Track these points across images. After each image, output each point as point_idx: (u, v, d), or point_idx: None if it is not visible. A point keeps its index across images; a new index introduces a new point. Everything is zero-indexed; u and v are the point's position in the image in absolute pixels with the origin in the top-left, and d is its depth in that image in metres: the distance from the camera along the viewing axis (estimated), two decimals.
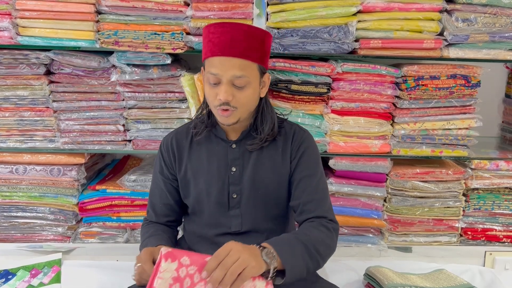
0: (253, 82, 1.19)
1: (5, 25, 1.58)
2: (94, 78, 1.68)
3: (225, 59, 1.14)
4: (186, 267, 0.96)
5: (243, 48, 1.14)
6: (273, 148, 1.28)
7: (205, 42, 1.19)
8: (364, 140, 1.75)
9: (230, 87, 1.15)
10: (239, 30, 1.15)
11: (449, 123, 1.75)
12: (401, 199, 1.82)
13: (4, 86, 1.68)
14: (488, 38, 1.65)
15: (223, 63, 1.14)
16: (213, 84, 1.17)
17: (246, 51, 1.15)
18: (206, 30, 1.19)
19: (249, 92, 1.18)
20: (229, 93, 1.15)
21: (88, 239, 1.82)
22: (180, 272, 0.95)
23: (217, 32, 1.15)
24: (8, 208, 1.81)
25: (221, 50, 1.14)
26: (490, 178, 1.83)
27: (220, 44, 1.14)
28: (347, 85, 1.69)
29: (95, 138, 1.75)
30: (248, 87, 1.18)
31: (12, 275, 1.67)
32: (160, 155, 1.35)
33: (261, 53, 1.20)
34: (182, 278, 0.95)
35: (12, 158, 1.76)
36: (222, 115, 1.19)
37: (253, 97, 1.21)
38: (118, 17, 1.60)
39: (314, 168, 1.27)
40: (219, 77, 1.15)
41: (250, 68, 1.17)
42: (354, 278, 1.70)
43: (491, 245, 1.88)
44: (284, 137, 1.30)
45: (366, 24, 1.62)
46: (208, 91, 1.20)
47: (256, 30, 1.18)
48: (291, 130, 1.31)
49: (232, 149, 1.28)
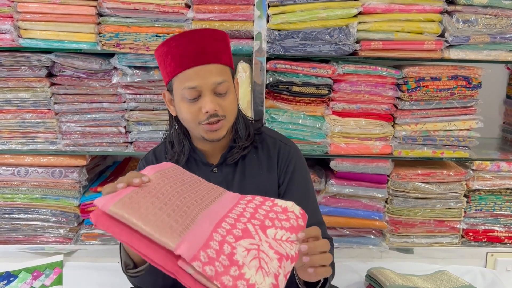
0: (231, 86, 1.13)
1: (7, 27, 1.58)
2: (95, 80, 1.68)
3: (201, 68, 1.06)
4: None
5: (214, 51, 1.08)
6: (256, 166, 1.22)
7: (168, 60, 1.10)
8: (365, 141, 1.75)
9: (213, 96, 1.08)
10: (204, 35, 1.08)
11: (450, 124, 1.75)
12: (402, 200, 1.82)
13: (6, 88, 1.69)
14: (489, 39, 1.65)
15: (199, 73, 1.06)
16: (191, 100, 1.08)
17: (218, 55, 1.09)
18: (165, 46, 1.10)
19: (232, 98, 1.12)
20: (215, 103, 1.07)
21: (90, 240, 1.83)
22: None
23: (181, 44, 1.07)
24: (10, 210, 1.81)
25: (194, 60, 1.06)
26: (491, 179, 1.83)
27: (191, 54, 1.06)
28: (348, 87, 1.69)
29: (97, 140, 1.75)
30: (229, 93, 1.11)
31: (14, 277, 1.67)
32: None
33: (228, 55, 1.14)
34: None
35: (14, 160, 1.76)
36: (209, 131, 1.11)
37: (235, 102, 1.15)
38: (119, 19, 1.61)
39: (305, 189, 1.21)
40: (199, 89, 1.07)
41: (225, 72, 1.11)
42: (356, 279, 1.70)
43: (492, 246, 1.88)
44: (267, 153, 1.23)
45: (367, 25, 1.62)
46: (186, 110, 1.10)
47: (218, 32, 1.13)
48: (274, 146, 1.23)
49: (213, 174, 1.21)
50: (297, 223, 0.86)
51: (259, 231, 0.82)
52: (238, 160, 1.21)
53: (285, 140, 1.26)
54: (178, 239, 0.71)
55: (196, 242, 0.72)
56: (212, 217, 0.82)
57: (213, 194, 0.92)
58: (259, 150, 1.23)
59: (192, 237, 0.73)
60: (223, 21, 1.60)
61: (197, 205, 0.84)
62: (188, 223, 0.77)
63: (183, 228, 0.75)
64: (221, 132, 1.12)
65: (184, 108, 1.11)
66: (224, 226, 0.81)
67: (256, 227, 0.82)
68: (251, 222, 0.83)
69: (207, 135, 1.12)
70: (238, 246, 0.77)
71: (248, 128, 1.22)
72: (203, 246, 0.73)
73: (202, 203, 0.86)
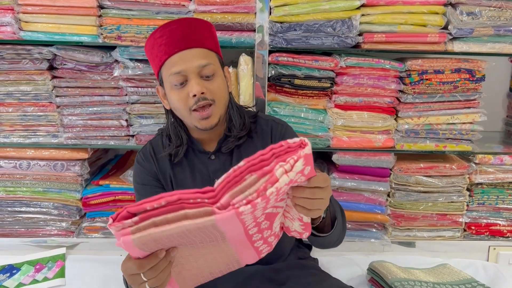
0: (219, 71, 1.15)
1: (8, 20, 1.57)
2: (97, 73, 1.68)
3: (185, 52, 1.10)
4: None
5: (197, 37, 1.11)
6: (252, 151, 1.18)
7: (155, 52, 1.14)
8: (368, 134, 1.74)
9: (200, 80, 1.10)
10: (186, 22, 1.12)
11: (453, 118, 1.74)
12: (404, 194, 1.82)
13: (7, 81, 1.68)
14: (493, 31, 1.64)
15: (184, 57, 1.10)
16: (179, 87, 1.11)
17: (202, 39, 1.12)
18: (151, 39, 1.14)
19: (219, 82, 1.14)
20: (201, 85, 1.09)
21: (92, 234, 1.83)
22: None
23: (165, 33, 1.11)
24: (12, 203, 1.82)
25: (178, 45, 1.10)
26: (494, 173, 1.82)
27: (174, 41, 1.10)
28: (351, 80, 1.68)
29: (98, 133, 1.75)
30: (216, 77, 1.13)
31: (16, 270, 1.68)
32: (140, 168, 1.27)
33: (214, 42, 1.17)
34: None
35: (15, 153, 1.76)
36: (201, 117, 1.12)
37: (224, 88, 1.16)
38: (120, 12, 1.60)
39: None
40: (184, 73, 1.10)
41: (211, 56, 1.13)
42: (358, 273, 1.71)
43: (495, 240, 1.87)
44: (261, 135, 1.25)
45: (370, 18, 1.61)
46: (176, 97, 1.12)
47: (201, 21, 1.16)
48: (267, 126, 1.25)
49: (211, 161, 1.23)
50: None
51: (275, 204, 0.84)
52: (233, 148, 1.23)
53: (277, 120, 1.29)
54: (239, 263, 0.90)
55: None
56: (241, 240, 0.83)
57: (213, 233, 0.80)
58: (253, 135, 1.25)
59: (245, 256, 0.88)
60: (225, 13, 1.59)
61: (219, 250, 0.85)
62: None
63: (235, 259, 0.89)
64: (213, 120, 1.13)
65: (174, 96, 1.13)
66: (252, 233, 0.84)
67: (271, 208, 0.83)
68: (265, 210, 0.81)
69: (200, 124, 1.14)
70: (274, 228, 0.88)
71: (243, 118, 1.23)
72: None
73: (220, 245, 0.84)
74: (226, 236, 0.78)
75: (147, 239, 0.71)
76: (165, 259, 0.79)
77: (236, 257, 0.88)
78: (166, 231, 0.70)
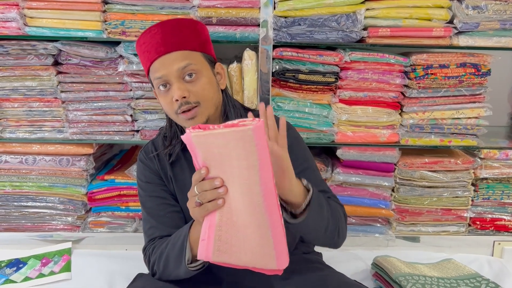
0: (203, 70, 1.13)
1: (13, 15, 1.58)
2: (101, 68, 1.68)
3: (164, 57, 1.10)
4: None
5: (177, 40, 1.11)
6: None
7: (142, 58, 1.16)
8: (372, 129, 1.74)
9: (181, 83, 1.10)
10: (167, 26, 1.12)
11: (458, 112, 1.73)
12: (409, 189, 1.81)
13: (13, 77, 1.69)
14: (499, 25, 1.63)
15: (163, 62, 1.10)
16: (164, 91, 1.12)
17: (182, 41, 1.11)
18: (138, 45, 1.16)
19: (204, 82, 1.12)
20: (183, 89, 1.08)
21: (97, 228, 1.84)
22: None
23: (146, 39, 1.12)
24: (19, 198, 1.83)
25: (157, 51, 1.10)
26: (499, 168, 1.81)
27: (154, 47, 1.11)
28: (355, 74, 1.68)
29: (103, 128, 1.76)
30: (200, 77, 1.12)
31: (23, 264, 1.69)
32: (143, 166, 1.27)
33: (199, 41, 1.15)
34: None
35: (21, 148, 1.77)
36: (186, 119, 1.11)
37: (210, 87, 1.14)
38: (125, 7, 1.60)
39: (306, 161, 1.21)
40: (165, 78, 1.10)
41: (193, 57, 1.12)
42: (362, 267, 1.71)
43: (499, 235, 1.87)
44: None
45: (375, 12, 1.60)
46: (163, 101, 1.13)
47: (185, 20, 1.16)
48: None
49: None
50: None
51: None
52: None
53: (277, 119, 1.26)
54: (274, 260, 0.91)
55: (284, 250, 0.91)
56: (269, 178, 0.87)
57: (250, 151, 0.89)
58: None
59: (279, 247, 0.90)
60: (229, 8, 1.59)
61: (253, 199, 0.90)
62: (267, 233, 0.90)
63: (271, 246, 0.90)
64: (199, 119, 1.12)
65: (161, 100, 1.15)
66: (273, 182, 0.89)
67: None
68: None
69: (187, 124, 1.13)
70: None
71: (239, 115, 1.21)
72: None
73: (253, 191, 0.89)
74: (259, 164, 0.85)
75: (201, 140, 0.87)
76: (211, 181, 0.89)
77: (271, 244, 0.90)
78: (216, 132, 0.84)
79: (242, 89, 1.68)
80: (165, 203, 1.24)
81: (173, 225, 1.20)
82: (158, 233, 1.21)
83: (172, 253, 1.09)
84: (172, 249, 1.09)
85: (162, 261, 1.13)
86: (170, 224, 1.21)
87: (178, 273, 1.09)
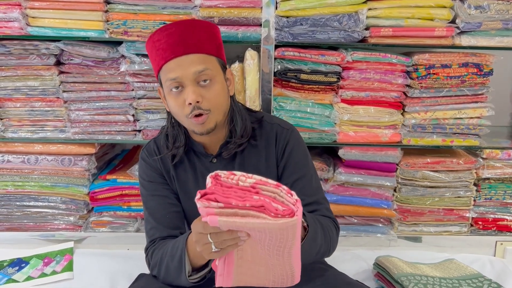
0: (218, 76, 1.11)
1: (15, 15, 1.58)
2: (103, 68, 1.68)
3: (181, 59, 1.07)
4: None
5: (195, 42, 1.08)
6: (255, 156, 1.22)
7: (154, 55, 1.12)
8: (374, 129, 1.74)
9: (196, 87, 1.07)
10: (185, 26, 1.09)
11: (461, 112, 1.73)
12: (411, 189, 1.81)
13: (15, 77, 1.69)
14: (501, 25, 1.62)
15: (180, 64, 1.07)
16: (176, 92, 1.09)
17: (200, 44, 1.09)
18: (150, 42, 1.12)
19: (217, 88, 1.10)
20: (197, 93, 1.06)
21: (99, 228, 1.84)
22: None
23: (162, 37, 1.09)
24: (21, 198, 1.83)
25: (174, 51, 1.07)
26: (501, 168, 1.81)
27: (171, 46, 1.07)
28: (357, 74, 1.68)
29: (105, 128, 1.76)
30: (214, 83, 1.10)
31: (25, 263, 1.70)
32: (146, 165, 1.27)
33: (215, 45, 1.13)
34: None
35: (24, 148, 1.78)
36: (196, 123, 1.10)
37: (223, 94, 1.12)
38: (127, 7, 1.60)
39: (304, 167, 1.21)
40: (179, 80, 1.07)
41: (209, 61, 1.10)
42: (364, 267, 1.71)
43: (502, 235, 1.87)
44: (266, 140, 1.22)
45: (377, 12, 1.60)
46: (173, 103, 1.11)
47: (202, 22, 1.13)
48: (272, 131, 1.23)
49: (213, 164, 1.22)
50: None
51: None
52: (237, 152, 1.21)
53: (283, 124, 1.26)
54: (294, 279, 0.90)
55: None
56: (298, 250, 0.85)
57: (287, 237, 0.83)
58: (258, 139, 1.23)
59: (298, 267, 0.88)
60: (230, 8, 1.58)
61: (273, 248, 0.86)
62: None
63: (292, 270, 0.88)
64: (208, 125, 1.11)
65: (171, 101, 1.12)
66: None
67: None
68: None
69: (196, 128, 1.12)
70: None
71: (245, 122, 1.20)
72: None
73: (283, 256, 0.86)
74: (295, 244, 0.81)
75: (231, 225, 0.78)
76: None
77: (293, 268, 0.89)
78: (250, 223, 0.75)
79: (244, 89, 1.68)
80: (167, 202, 1.24)
81: (174, 226, 1.21)
82: (159, 234, 1.21)
83: (171, 264, 1.09)
84: (171, 260, 1.09)
85: (162, 269, 1.13)
86: (171, 225, 1.21)
87: (180, 282, 1.09)
